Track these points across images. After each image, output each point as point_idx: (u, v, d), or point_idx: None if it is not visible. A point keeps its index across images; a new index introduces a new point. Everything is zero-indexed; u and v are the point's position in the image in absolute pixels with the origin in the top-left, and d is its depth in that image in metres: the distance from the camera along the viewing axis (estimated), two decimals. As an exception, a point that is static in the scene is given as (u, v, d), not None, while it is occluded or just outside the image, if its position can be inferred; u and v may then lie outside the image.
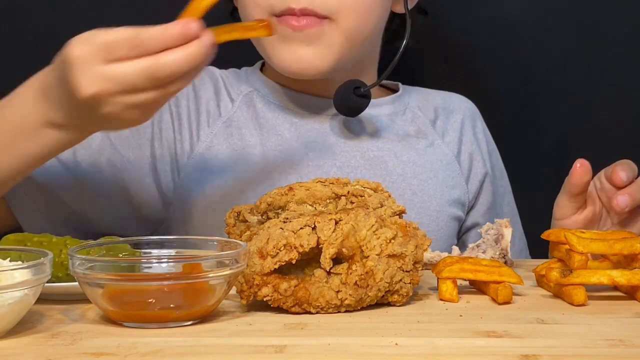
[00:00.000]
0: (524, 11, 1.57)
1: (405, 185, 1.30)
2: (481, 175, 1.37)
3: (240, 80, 1.34)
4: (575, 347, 0.83)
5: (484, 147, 1.39)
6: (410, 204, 1.26)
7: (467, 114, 1.39)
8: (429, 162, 1.33)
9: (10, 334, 0.86)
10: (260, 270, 0.93)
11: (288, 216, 0.97)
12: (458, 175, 1.35)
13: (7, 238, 1.03)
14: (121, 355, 0.79)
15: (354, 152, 1.30)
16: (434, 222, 1.29)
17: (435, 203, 1.30)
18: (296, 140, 1.30)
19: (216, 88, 1.32)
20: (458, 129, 1.37)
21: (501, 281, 0.99)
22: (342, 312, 0.94)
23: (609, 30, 1.56)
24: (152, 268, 0.94)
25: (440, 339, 0.84)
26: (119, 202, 1.26)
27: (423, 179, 1.31)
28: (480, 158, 1.37)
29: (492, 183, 1.38)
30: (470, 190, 1.36)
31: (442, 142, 1.36)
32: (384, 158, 1.31)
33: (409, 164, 1.32)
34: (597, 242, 1.00)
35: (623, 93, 1.56)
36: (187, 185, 1.26)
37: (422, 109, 1.38)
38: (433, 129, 1.36)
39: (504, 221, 1.15)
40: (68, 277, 0.97)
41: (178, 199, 1.27)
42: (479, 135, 1.39)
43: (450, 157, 1.35)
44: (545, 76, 1.57)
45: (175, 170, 1.27)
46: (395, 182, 1.28)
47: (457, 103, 1.40)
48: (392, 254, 0.95)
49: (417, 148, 1.33)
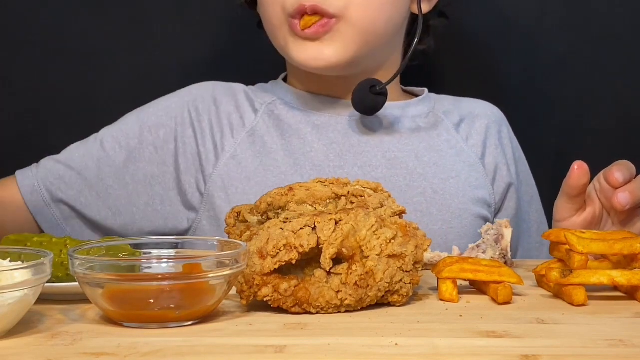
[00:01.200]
0: (522, 11, 1.57)
1: (426, 184, 1.31)
2: (505, 183, 1.37)
3: (265, 92, 1.37)
4: (575, 347, 0.83)
5: (509, 154, 1.39)
6: (431, 201, 1.28)
7: (492, 120, 1.39)
8: (451, 163, 1.33)
9: (10, 334, 0.86)
10: (260, 270, 0.93)
11: (288, 216, 0.97)
12: (482, 177, 1.35)
13: (8, 238, 1.03)
14: (121, 355, 0.79)
15: (375, 152, 1.31)
16: (457, 219, 1.29)
17: (457, 201, 1.31)
18: (318, 142, 1.32)
19: (237, 102, 1.35)
20: (483, 133, 1.37)
21: (501, 281, 0.99)
22: (342, 312, 0.94)
23: (609, 28, 1.56)
24: (152, 268, 0.94)
25: (440, 339, 0.84)
26: (144, 217, 1.30)
27: (444, 179, 1.32)
28: (505, 165, 1.37)
29: (517, 191, 1.38)
30: (496, 192, 1.36)
31: (466, 145, 1.36)
32: (405, 158, 1.32)
33: (430, 164, 1.32)
34: (597, 242, 1.00)
35: (623, 93, 1.56)
36: (213, 194, 1.29)
37: (446, 113, 1.38)
38: (457, 133, 1.37)
39: (504, 221, 1.15)
40: (68, 277, 0.97)
41: (204, 207, 1.29)
42: (505, 141, 1.39)
43: (474, 159, 1.35)
44: (544, 76, 1.57)
45: (201, 180, 1.30)
46: (416, 181, 1.29)
47: (482, 109, 1.40)
48: (392, 254, 0.95)
49: (439, 150, 1.34)
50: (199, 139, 1.31)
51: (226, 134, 1.32)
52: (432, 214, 1.29)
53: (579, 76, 1.57)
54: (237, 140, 1.31)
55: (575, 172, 1.16)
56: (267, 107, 1.34)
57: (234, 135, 1.32)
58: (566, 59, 1.56)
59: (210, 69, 1.55)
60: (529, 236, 1.39)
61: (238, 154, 1.30)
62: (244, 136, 1.32)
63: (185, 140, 1.31)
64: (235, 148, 1.31)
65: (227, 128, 1.32)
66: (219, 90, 1.35)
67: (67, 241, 1.02)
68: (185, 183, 1.30)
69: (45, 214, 1.28)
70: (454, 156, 1.34)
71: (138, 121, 1.32)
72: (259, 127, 1.33)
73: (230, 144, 1.31)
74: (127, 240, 1.00)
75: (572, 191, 1.16)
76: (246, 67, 1.55)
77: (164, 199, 1.30)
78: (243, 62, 1.55)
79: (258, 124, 1.33)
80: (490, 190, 1.35)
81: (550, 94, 1.57)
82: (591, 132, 1.57)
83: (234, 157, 1.30)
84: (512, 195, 1.37)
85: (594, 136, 1.56)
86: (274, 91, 1.37)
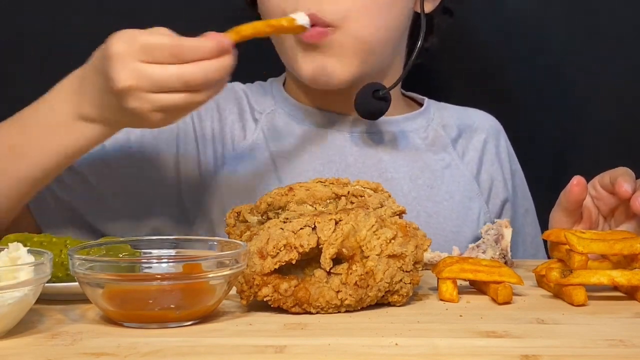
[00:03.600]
0: (523, 10, 1.57)
1: (420, 208, 1.31)
2: (501, 200, 1.37)
3: (265, 94, 1.36)
4: (575, 347, 0.83)
5: (506, 168, 1.39)
6: (426, 225, 1.27)
7: (490, 133, 1.39)
8: (445, 184, 1.33)
9: (10, 334, 0.86)
10: (260, 270, 0.93)
11: (288, 216, 0.97)
12: (476, 196, 1.35)
13: (7, 238, 1.03)
14: (121, 355, 0.79)
15: (371, 173, 1.31)
16: (452, 242, 1.28)
17: (451, 224, 1.31)
18: (316, 160, 1.31)
19: (240, 108, 1.34)
20: (480, 149, 1.37)
21: (501, 281, 0.99)
22: (342, 312, 0.94)
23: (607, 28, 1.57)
24: (152, 268, 0.94)
25: (440, 339, 0.84)
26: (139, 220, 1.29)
27: (437, 201, 1.32)
28: (502, 180, 1.37)
29: (512, 204, 1.38)
30: (491, 210, 1.36)
31: (461, 163, 1.36)
32: (400, 181, 1.32)
33: (424, 187, 1.32)
34: (597, 242, 1.00)
35: (623, 93, 1.57)
36: (210, 205, 1.28)
37: (445, 126, 1.38)
38: (453, 149, 1.36)
39: (504, 221, 1.15)
40: (68, 277, 0.96)
41: (201, 218, 1.29)
42: (502, 155, 1.39)
43: (468, 177, 1.35)
44: (543, 77, 1.57)
45: (200, 190, 1.29)
46: (410, 204, 1.29)
47: (481, 121, 1.40)
48: (392, 254, 0.95)
49: (433, 170, 1.34)
50: (200, 146, 1.30)
51: (227, 145, 1.31)
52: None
53: (579, 76, 1.57)
54: (238, 153, 1.31)
55: (574, 188, 1.15)
56: (266, 117, 1.34)
57: (234, 148, 1.31)
58: (564, 58, 1.56)
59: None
60: (523, 249, 1.39)
61: (238, 169, 1.30)
62: (245, 149, 1.31)
63: (187, 148, 1.30)
64: (237, 162, 1.30)
65: (228, 138, 1.31)
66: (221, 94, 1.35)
67: (67, 241, 1.02)
68: (185, 192, 1.29)
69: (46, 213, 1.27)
70: (449, 177, 1.34)
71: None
72: (259, 140, 1.32)
73: (231, 156, 1.31)
74: (127, 240, 1.00)
75: (571, 206, 1.16)
76: (245, 64, 1.55)
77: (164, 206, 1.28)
78: (242, 60, 1.55)
79: (258, 137, 1.32)
80: (485, 208, 1.35)
81: (550, 92, 1.57)
82: (591, 132, 1.57)
83: (234, 172, 1.29)
84: (507, 210, 1.37)
85: (594, 136, 1.56)
86: (273, 95, 1.36)
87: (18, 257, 0.88)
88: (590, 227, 1.18)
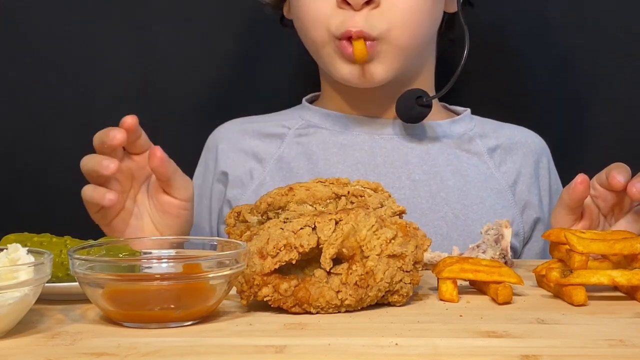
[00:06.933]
0: (519, 11, 1.57)
1: (447, 209, 1.31)
2: (534, 218, 1.37)
3: (292, 117, 1.39)
4: (575, 347, 0.83)
5: (544, 186, 1.39)
6: (452, 226, 1.28)
7: (531, 149, 1.39)
8: (476, 189, 1.34)
9: (10, 334, 0.86)
10: (260, 270, 0.93)
11: (288, 216, 0.97)
12: (511, 205, 1.35)
13: (8, 238, 1.03)
14: (121, 355, 0.79)
15: (399, 174, 1.33)
16: None
17: (480, 228, 1.30)
18: (343, 162, 1.33)
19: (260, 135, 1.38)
20: (518, 162, 1.38)
21: (501, 281, 0.99)
22: (342, 312, 0.94)
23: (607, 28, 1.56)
24: (152, 268, 0.94)
25: (440, 339, 0.84)
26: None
27: (467, 204, 1.32)
28: (538, 197, 1.37)
29: (545, 225, 1.37)
30: (525, 221, 1.36)
31: (497, 172, 1.36)
32: (429, 181, 1.33)
33: (454, 189, 1.33)
34: (597, 242, 1.00)
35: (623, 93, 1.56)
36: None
37: (482, 136, 1.38)
38: (490, 157, 1.37)
39: (504, 221, 1.15)
40: (68, 277, 0.97)
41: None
42: (542, 172, 1.39)
43: (503, 186, 1.35)
44: (544, 76, 1.57)
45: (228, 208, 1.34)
46: (438, 204, 1.30)
47: (523, 137, 1.40)
48: (392, 254, 0.95)
49: (464, 175, 1.34)
50: (227, 186, 1.36)
51: (254, 165, 1.35)
52: (452, 238, 1.29)
53: (579, 75, 1.57)
54: (266, 169, 1.35)
55: (579, 186, 1.15)
56: (294, 132, 1.37)
57: (263, 164, 1.35)
58: (567, 58, 1.56)
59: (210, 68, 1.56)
60: None
61: (267, 181, 1.33)
62: (273, 164, 1.35)
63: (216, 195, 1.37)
64: (265, 176, 1.34)
65: (252, 161, 1.35)
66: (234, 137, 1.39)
67: (67, 241, 1.02)
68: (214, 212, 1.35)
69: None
70: (482, 182, 1.34)
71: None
72: (286, 153, 1.35)
73: (259, 172, 1.34)
74: (127, 240, 1.00)
75: (574, 204, 1.17)
76: (251, 67, 1.55)
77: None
78: (248, 64, 1.56)
79: (285, 151, 1.35)
80: (518, 219, 1.35)
81: (550, 92, 1.57)
82: (591, 132, 1.57)
83: (262, 185, 1.33)
84: (540, 231, 1.37)
85: (594, 137, 1.56)
86: (301, 114, 1.39)
87: (17, 258, 0.88)
88: (591, 225, 1.18)
